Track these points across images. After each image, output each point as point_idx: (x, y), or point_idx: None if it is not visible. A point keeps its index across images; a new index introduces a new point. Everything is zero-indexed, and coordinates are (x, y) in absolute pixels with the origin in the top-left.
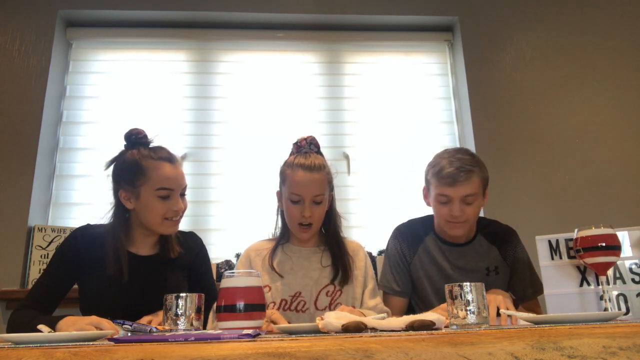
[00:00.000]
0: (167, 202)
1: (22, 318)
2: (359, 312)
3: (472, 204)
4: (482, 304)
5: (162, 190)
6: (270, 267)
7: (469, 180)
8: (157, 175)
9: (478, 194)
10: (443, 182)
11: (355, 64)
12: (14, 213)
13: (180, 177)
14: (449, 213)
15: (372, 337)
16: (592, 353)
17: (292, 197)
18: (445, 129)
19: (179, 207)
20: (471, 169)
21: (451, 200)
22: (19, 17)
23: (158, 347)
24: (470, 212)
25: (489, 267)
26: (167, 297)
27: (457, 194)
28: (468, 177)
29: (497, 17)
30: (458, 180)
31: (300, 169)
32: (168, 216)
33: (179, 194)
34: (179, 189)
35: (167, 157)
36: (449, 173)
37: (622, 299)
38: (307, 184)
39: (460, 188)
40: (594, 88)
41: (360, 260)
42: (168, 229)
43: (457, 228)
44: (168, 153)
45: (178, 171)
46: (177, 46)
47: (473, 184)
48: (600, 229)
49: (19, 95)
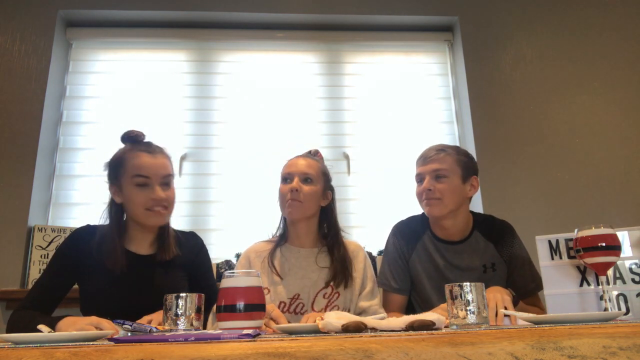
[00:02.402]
0: (145, 191)
1: (22, 319)
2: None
3: (443, 182)
4: (482, 304)
5: (137, 177)
6: (269, 269)
7: (439, 157)
8: (132, 164)
9: (450, 173)
10: (418, 163)
11: (355, 64)
12: (14, 213)
13: (158, 166)
14: (422, 190)
15: (372, 337)
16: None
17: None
18: (445, 129)
19: (158, 195)
20: (444, 148)
21: (424, 177)
22: (19, 17)
23: (158, 347)
24: (440, 188)
25: (486, 264)
26: (167, 297)
27: (427, 169)
28: (438, 154)
29: (497, 17)
30: (428, 157)
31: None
32: (148, 206)
33: (160, 183)
34: (156, 178)
35: (145, 148)
36: (423, 152)
37: (622, 299)
38: (297, 162)
39: (430, 164)
40: (594, 88)
41: (360, 262)
42: (152, 219)
43: (431, 206)
44: (149, 145)
45: (157, 160)
46: (177, 46)
47: (443, 161)
48: (600, 229)
49: (19, 95)
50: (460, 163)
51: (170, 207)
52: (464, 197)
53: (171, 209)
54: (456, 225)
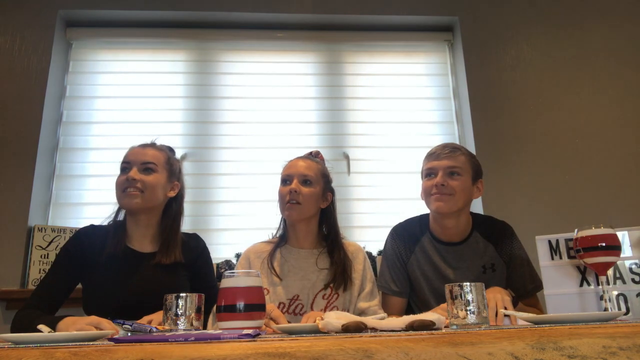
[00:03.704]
0: (125, 174)
1: (26, 318)
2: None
3: (456, 179)
4: (482, 304)
5: (122, 164)
6: (269, 270)
7: (454, 154)
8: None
9: (464, 172)
10: (430, 159)
11: (355, 64)
12: (14, 213)
13: (140, 154)
14: (433, 185)
15: (372, 337)
16: (592, 353)
17: (283, 178)
18: (445, 129)
19: (131, 175)
20: (458, 147)
21: (436, 172)
22: (19, 17)
23: (158, 347)
24: (454, 185)
25: (485, 264)
26: (167, 297)
27: (442, 164)
28: (453, 152)
29: (497, 17)
30: (443, 153)
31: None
32: (124, 186)
33: (139, 168)
34: (135, 162)
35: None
36: (436, 149)
37: (622, 299)
38: (297, 164)
39: (444, 160)
40: (594, 88)
41: (359, 264)
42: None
43: (441, 201)
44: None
45: (144, 150)
46: (177, 46)
47: (458, 159)
48: (600, 229)
49: (19, 95)
50: (472, 164)
51: (146, 191)
52: (471, 198)
53: (147, 194)
54: (458, 225)
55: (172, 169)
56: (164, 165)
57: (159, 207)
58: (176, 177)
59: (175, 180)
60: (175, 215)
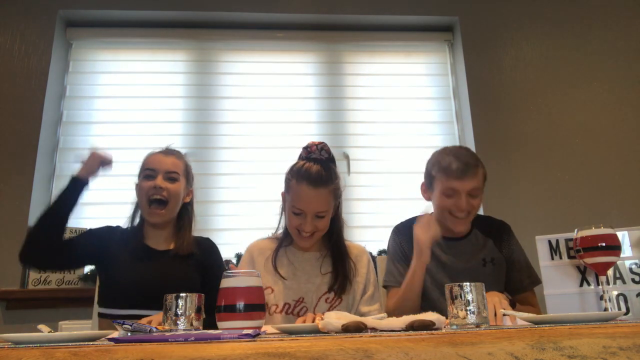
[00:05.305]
0: (150, 181)
1: None
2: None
3: (477, 198)
4: (482, 304)
5: (146, 170)
6: (273, 270)
7: (476, 174)
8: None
9: (481, 189)
10: (452, 176)
11: (355, 64)
12: (14, 213)
13: (165, 162)
14: (454, 205)
15: (372, 337)
16: (592, 353)
17: (294, 210)
18: (445, 129)
19: (158, 183)
20: (477, 164)
21: (458, 193)
22: (19, 17)
23: (158, 347)
24: (475, 204)
25: (485, 257)
26: (167, 297)
27: (465, 187)
28: (475, 171)
29: (497, 17)
30: (467, 174)
31: (304, 182)
32: (150, 194)
33: (164, 177)
34: (161, 170)
35: (161, 150)
36: (458, 167)
37: (622, 299)
38: (310, 200)
39: (467, 181)
40: (594, 88)
41: (363, 267)
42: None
43: (460, 225)
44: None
45: (168, 158)
46: (177, 46)
47: (478, 178)
48: (600, 229)
49: (19, 95)
50: (485, 177)
51: (171, 200)
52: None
53: (172, 204)
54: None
55: (189, 176)
56: (183, 173)
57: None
58: (191, 183)
59: (190, 186)
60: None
